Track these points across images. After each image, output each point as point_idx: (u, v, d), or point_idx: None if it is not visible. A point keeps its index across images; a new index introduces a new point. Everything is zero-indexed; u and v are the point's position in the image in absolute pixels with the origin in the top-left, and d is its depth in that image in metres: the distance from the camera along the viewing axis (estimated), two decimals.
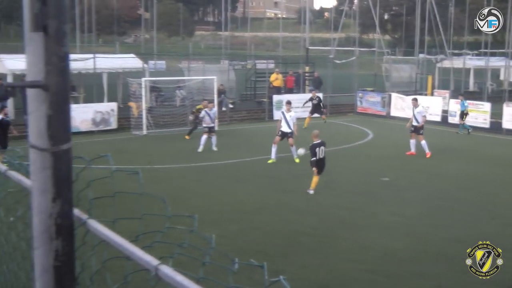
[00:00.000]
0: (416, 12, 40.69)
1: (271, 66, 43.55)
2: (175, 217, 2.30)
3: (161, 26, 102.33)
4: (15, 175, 2.75)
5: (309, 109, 29.12)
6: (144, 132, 25.46)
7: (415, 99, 22.27)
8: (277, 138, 19.99)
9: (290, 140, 19.87)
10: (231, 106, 31.03)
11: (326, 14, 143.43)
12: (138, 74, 29.16)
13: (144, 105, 25.61)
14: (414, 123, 21.08)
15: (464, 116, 27.39)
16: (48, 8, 1.80)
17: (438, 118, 30.01)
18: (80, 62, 27.03)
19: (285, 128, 20.03)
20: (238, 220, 13.07)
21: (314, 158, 15.49)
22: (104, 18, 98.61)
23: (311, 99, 29.09)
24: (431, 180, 17.46)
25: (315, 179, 15.52)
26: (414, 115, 21.19)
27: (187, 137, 24.43)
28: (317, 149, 15.50)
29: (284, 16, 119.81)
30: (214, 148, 21.74)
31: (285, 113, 20.31)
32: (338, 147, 22.54)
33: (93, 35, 35.58)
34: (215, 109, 23.98)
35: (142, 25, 41.59)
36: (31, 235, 1.99)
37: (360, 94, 34.67)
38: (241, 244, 11.47)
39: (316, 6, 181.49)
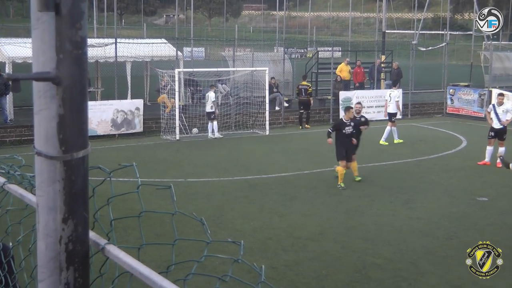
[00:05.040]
0: None
1: (338, 54, 43.38)
2: (216, 244, 2.29)
3: (199, 4, 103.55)
4: (16, 189, 2.79)
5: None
6: (177, 137, 25.73)
7: (502, 94, 22.19)
8: (390, 122, 25.48)
9: (390, 123, 25.29)
10: (286, 104, 30.97)
11: None
12: (170, 64, 29.51)
13: (177, 103, 25.85)
14: (496, 125, 20.97)
15: None
16: None
17: None
18: (97, 48, 27.52)
19: (390, 109, 25.55)
20: (292, 248, 13.02)
21: None
22: None
23: None
24: None
25: None
26: (497, 114, 21.07)
27: (307, 126, 29.40)
28: None
29: None
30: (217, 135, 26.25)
31: (391, 94, 25.82)
32: (422, 158, 22.22)
33: (114, 14, 36.13)
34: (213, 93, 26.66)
35: (176, 3, 41.75)
36: (35, 265, 2.02)
37: (451, 91, 34.13)
38: (295, 278, 11.42)
39: None
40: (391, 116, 25.45)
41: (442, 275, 11.70)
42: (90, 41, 26.82)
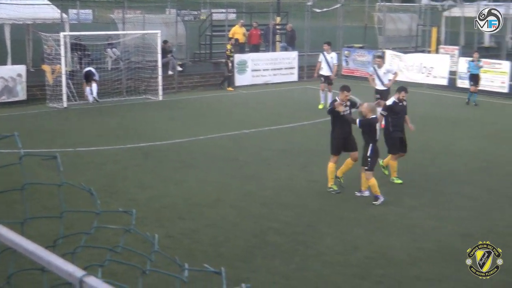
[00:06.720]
0: None
1: (232, 16, 43.31)
2: (108, 215, 2.29)
3: None
4: None
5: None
6: (64, 104, 25.16)
7: (379, 57, 23.17)
8: (322, 84, 24.85)
9: (330, 87, 24.57)
10: (180, 69, 30.81)
11: None
12: (54, 27, 28.65)
13: (63, 69, 25.23)
14: (379, 87, 21.48)
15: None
16: None
17: (445, 82, 30.36)
18: None
19: (325, 72, 24.77)
20: (188, 216, 13.06)
21: (372, 144, 13.95)
22: None
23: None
24: (436, 160, 17.72)
25: (372, 181, 13.87)
26: (379, 77, 21.57)
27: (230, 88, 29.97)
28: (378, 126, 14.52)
29: None
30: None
31: (326, 54, 24.93)
32: (319, 120, 22.63)
33: None
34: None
35: None
36: None
37: (346, 52, 34.80)
38: (193, 246, 11.48)
39: None
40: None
41: (338, 236, 12.04)
42: None
